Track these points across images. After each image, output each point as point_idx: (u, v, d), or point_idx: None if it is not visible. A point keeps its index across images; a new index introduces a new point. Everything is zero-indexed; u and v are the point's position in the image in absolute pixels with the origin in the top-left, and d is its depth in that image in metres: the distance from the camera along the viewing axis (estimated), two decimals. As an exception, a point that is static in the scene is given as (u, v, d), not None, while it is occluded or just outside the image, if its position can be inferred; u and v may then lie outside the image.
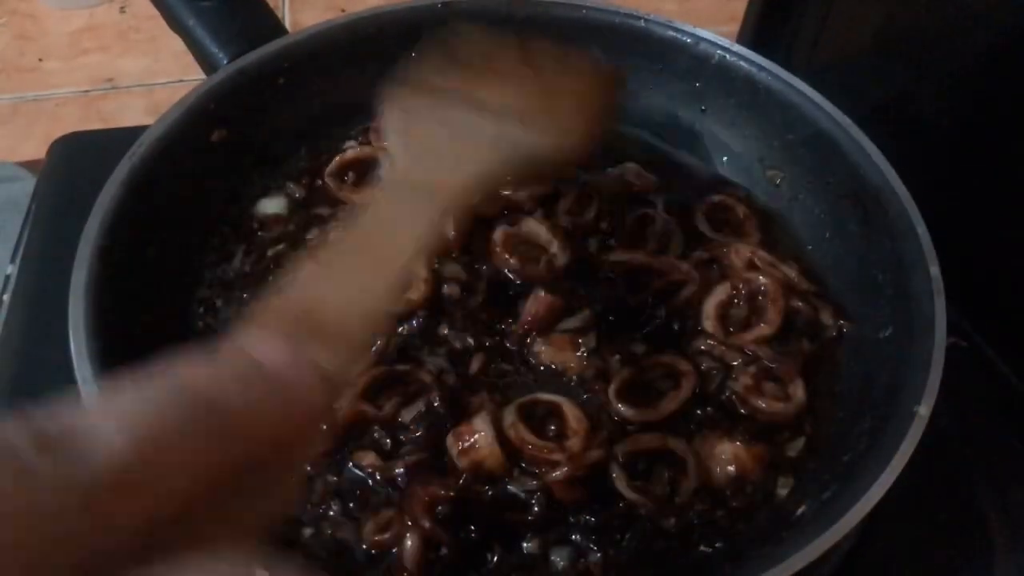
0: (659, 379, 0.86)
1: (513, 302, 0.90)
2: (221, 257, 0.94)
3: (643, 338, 0.89)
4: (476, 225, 0.95)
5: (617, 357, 0.87)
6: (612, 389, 0.84)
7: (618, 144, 1.10)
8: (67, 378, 0.72)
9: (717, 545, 0.77)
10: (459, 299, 0.89)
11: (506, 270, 0.92)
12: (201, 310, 0.90)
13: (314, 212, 0.98)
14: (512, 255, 0.93)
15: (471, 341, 0.87)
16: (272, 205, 0.99)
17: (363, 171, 1.00)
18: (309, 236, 0.95)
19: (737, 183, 1.07)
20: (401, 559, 0.73)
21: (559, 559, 0.75)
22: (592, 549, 0.75)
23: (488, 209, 0.97)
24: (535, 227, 0.96)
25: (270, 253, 0.94)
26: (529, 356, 0.87)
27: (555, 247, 0.94)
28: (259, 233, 0.97)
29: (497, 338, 0.88)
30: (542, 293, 0.88)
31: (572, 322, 0.89)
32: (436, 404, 0.81)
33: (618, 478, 0.79)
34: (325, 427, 0.75)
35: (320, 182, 1.00)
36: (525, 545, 0.76)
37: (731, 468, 0.80)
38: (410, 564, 0.72)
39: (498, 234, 0.95)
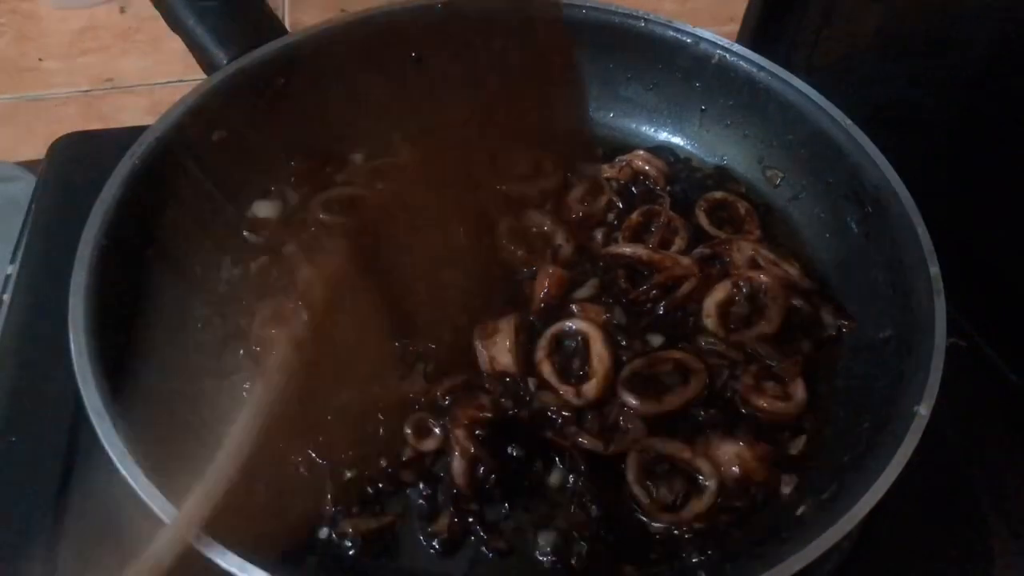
0: (667, 374, 0.86)
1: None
2: (212, 264, 0.94)
3: (660, 329, 0.90)
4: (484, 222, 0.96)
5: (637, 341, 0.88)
6: (621, 376, 0.85)
7: (621, 142, 1.12)
8: (67, 378, 0.72)
9: (709, 553, 0.77)
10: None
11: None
12: (199, 326, 0.90)
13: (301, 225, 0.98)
14: (519, 247, 0.94)
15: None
16: (265, 208, 0.99)
17: (349, 205, 0.99)
18: (287, 250, 0.94)
19: (738, 179, 1.07)
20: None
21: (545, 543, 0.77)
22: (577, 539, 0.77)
23: (493, 205, 0.98)
24: (539, 219, 0.97)
25: (253, 267, 0.94)
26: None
27: (560, 237, 0.95)
28: (245, 234, 0.97)
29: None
30: (550, 268, 0.91)
31: (583, 292, 0.92)
32: None
33: (630, 467, 0.80)
34: None
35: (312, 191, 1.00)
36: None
37: (735, 469, 0.80)
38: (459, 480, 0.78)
39: (503, 226, 0.96)
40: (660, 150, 1.09)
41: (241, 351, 0.87)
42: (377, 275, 0.84)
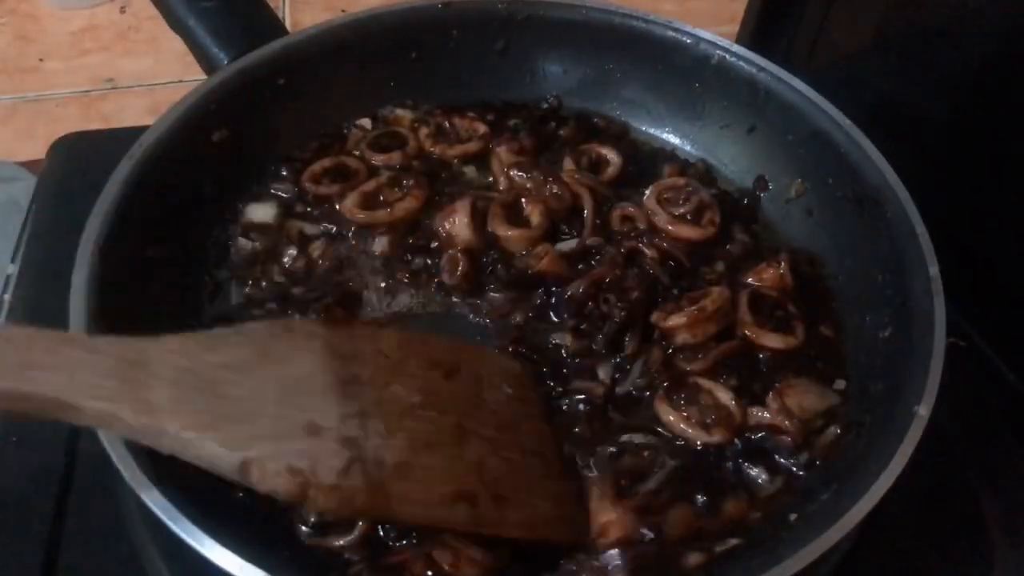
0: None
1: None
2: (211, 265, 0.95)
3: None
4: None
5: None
6: None
7: (619, 138, 1.12)
8: (67, 378, 0.72)
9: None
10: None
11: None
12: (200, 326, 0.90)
13: (298, 226, 0.98)
14: None
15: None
16: (261, 212, 0.99)
17: (337, 174, 1.02)
18: (285, 259, 0.95)
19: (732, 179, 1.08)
20: None
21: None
22: None
23: None
24: None
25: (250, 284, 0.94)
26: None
27: None
28: (241, 240, 0.96)
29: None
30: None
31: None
32: None
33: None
34: None
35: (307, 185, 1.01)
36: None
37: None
38: None
39: None
40: (655, 157, 1.10)
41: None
42: None
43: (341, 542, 0.74)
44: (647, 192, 1.01)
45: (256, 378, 0.64)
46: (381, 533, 0.74)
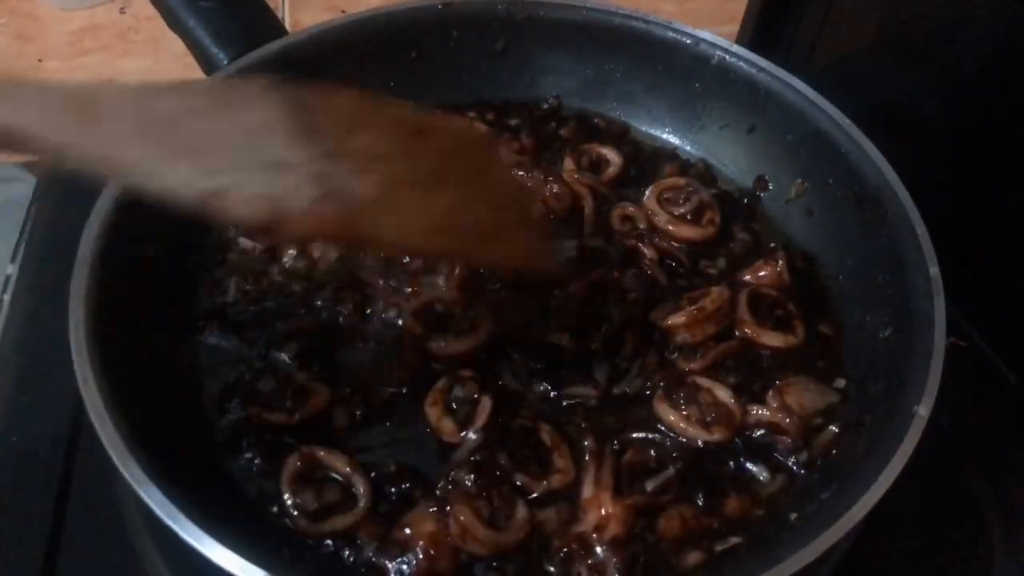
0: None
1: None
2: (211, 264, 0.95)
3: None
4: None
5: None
6: None
7: (619, 138, 1.12)
8: (67, 378, 0.72)
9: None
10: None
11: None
12: (201, 324, 0.90)
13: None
14: None
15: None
16: None
17: None
18: (285, 259, 0.95)
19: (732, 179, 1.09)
20: None
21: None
22: None
23: None
24: None
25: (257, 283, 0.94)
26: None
27: None
28: (241, 240, 0.96)
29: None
30: None
31: None
32: None
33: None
34: None
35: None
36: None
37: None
38: None
39: None
40: (654, 157, 1.10)
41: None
42: None
43: (346, 522, 0.74)
44: (647, 192, 1.01)
45: (217, 121, 0.62)
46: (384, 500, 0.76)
